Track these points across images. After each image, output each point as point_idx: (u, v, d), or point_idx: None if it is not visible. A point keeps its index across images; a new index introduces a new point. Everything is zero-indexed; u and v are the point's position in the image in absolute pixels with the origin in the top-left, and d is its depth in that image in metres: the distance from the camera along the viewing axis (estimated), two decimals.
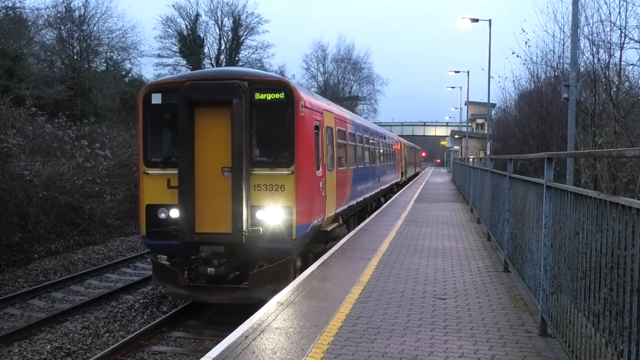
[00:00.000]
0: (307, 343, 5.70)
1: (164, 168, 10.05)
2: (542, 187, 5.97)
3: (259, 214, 9.65)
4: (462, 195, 26.71)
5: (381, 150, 24.16)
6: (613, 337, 3.75)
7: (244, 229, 9.43)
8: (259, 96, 9.67)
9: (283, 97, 9.68)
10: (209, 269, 9.55)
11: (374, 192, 20.95)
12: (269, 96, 9.67)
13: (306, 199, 9.99)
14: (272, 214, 9.61)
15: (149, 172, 10.14)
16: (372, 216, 17.93)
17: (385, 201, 24.34)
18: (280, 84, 9.92)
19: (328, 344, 5.68)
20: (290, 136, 9.73)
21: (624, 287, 3.50)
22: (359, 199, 17.06)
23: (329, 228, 12.30)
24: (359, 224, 15.91)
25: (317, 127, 11.05)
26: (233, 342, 5.75)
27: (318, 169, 11.00)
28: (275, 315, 6.68)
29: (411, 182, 42.39)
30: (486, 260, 10.37)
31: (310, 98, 10.83)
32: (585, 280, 4.34)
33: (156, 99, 10.17)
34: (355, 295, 7.60)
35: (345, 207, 14.44)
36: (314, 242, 11.51)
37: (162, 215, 10.01)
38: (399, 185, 33.38)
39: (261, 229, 9.55)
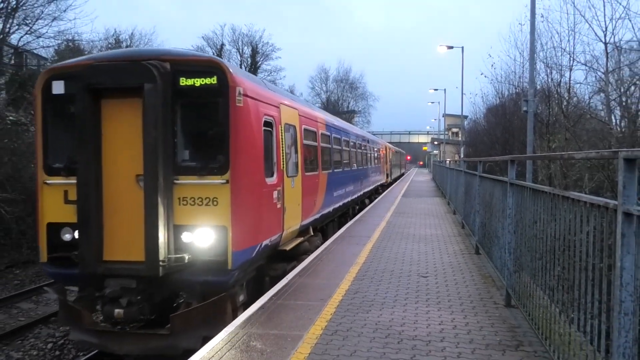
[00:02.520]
0: (314, 314, 5.69)
1: (68, 176, 6.49)
2: (507, 184, 5.95)
3: (186, 237, 6.19)
4: (440, 191, 26.63)
5: (364, 153, 19.92)
6: (565, 307, 3.74)
7: (162, 257, 5.98)
8: (184, 82, 6.27)
9: (215, 82, 6.22)
10: (116, 310, 6.10)
11: (355, 196, 16.96)
12: (198, 81, 6.25)
13: (248, 216, 6.51)
14: (202, 237, 6.17)
15: (49, 181, 6.64)
16: (366, 209, 17.87)
17: (370, 202, 21.22)
18: (210, 65, 6.34)
19: (331, 314, 5.68)
20: (224, 134, 6.23)
21: (574, 266, 3.49)
22: (337, 205, 13.12)
23: (292, 245, 8.59)
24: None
25: (269, 124, 7.47)
26: (265, 302, 5.77)
27: (271, 175, 7.47)
28: (290, 286, 6.68)
29: (396, 182, 40.69)
30: (461, 244, 10.34)
31: (256, 86, 7.26)
32: (542, 260, 4.33)
33: (58, 87, 6.67)
34: (353, 274, 7.58)
35: (318, 216, 10.82)
36: (272, 263, 8.06)
37: (67, 237, 6.54)
38: (384, 187, 30.18)
39: (187, 257, 6.11)
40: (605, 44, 16.80)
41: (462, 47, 32.96)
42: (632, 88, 16.70)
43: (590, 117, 18.33)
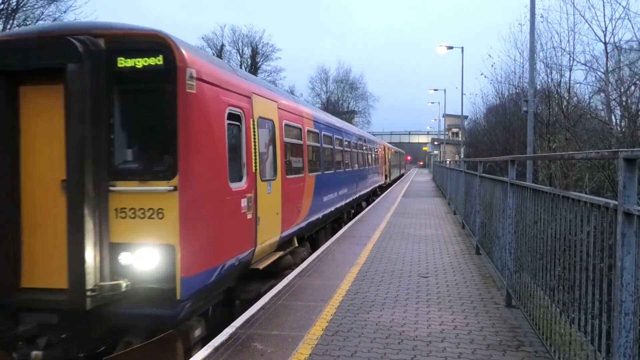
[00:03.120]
0: (315, 315, 5.69)
1: None
2: (507, 184, 5.96)
3: (124, 258, 4.90)
4: (441, 191, 26.64)
5: (360, 153, 18.39)
6: (566, 307, 3.74)
7: (91, 285, 4.68)
8: (123, 63, 4.94)
9: (161, 62, 4.91)
10: (33, 353, 4.80)
11: (350, 199, 15.41)
12: (140, 62, 4.93)
13: (204, 231, 5.25)
14: (144, 258, 4.86)
15: None
16: (366, 209, 17.87)
17: (368, 205, 20.26)
18: (154, 41, 4.96)
19: (332, 314, 5.67)
20: (172, 128, 4.91)
21: (574, 266, 3.50)
22: (328, 211, 11.70)
23: (268, 261, 7.18)
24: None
25: (236, 117, 6.13)
26: (265, 303, 5.76)
27: (238, 179, 6.13)
28: (291, 287, 6.68)
29: (396, 183, 39.65)
30: (461, 245, 10.34)
31: (218, 70, 5.88)
32: (543, 260, 4.33)
33: None
34: (353, 275, 7.58)
35: (304, 224, 9.44)
36: (244, 284, 6.74)
37: None
38: (382, 188, 28.59)
39: (124, 284, 4.81)
40: (605, 44, 16.80)
41: (462, 48, 33.00)
42: (632, 88, 16.69)
43: (591, 117, 18.33)
